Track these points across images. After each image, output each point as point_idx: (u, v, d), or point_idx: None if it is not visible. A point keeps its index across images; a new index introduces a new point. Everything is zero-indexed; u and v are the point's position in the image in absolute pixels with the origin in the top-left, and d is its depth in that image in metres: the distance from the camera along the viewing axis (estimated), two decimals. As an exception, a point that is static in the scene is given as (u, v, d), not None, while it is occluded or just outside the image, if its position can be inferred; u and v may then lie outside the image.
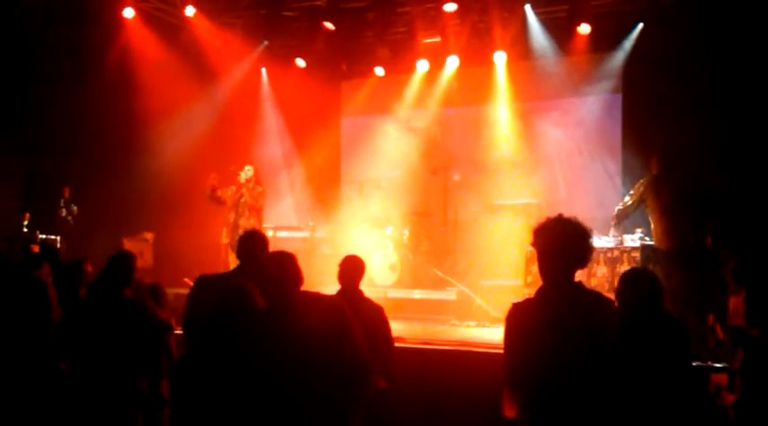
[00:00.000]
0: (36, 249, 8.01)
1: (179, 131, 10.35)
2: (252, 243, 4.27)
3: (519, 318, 3.11)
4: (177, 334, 4.77)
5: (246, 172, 8.93)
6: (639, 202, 7.24)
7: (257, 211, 8.89)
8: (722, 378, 4.46)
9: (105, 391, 4.02)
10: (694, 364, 3.79)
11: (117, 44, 10.38)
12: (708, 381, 4.53)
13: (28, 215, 9.56)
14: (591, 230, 3.11)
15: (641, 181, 7.34)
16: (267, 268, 3.45)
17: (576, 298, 3.04)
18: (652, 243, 7.29)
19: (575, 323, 2.96)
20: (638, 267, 3.93)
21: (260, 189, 8.94)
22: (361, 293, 4.85)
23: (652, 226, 7.19)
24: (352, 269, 4.81)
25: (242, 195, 8.82)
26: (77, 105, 9.98)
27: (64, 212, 10.09)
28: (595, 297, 3.13)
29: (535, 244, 3.10)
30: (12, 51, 9.40)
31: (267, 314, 3.36)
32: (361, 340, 3.56)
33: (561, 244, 3.03)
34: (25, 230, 9.43)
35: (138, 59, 10.42)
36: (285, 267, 3.43)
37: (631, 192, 7.40)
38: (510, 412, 3.17)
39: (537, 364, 2.99)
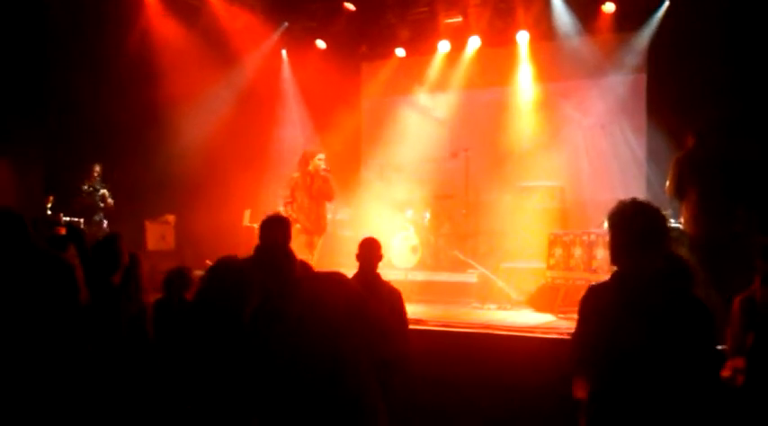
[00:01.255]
0: (62, 231, 8.06)
1: (200, 114, 10.35)
2: (273, 230, 4.29)
3: (595, 303, 3.06)
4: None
5: (317, 160, 8.28)
6: (680, 179, 6.99)
7: (324, 198, 8.32)
8: (739, 362, 4.39)
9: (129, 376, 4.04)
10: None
11: (137, 27, 10.38)
12: (723, 364, 4.45)
13: (52, 197, 9.63)
14: (665, 214, 3.03)
15: (675, 159, 7.12)
16: (271, 253, 3.44)
17: (653, 286, 2.94)
18: (678, 225, 7.17)
19: (653, 312, 2.90)
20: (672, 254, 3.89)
21: (328, 175, 8.34)
22: (378, 276, 4.84)
23: (682, 208, 7.01)
24: (369, 251, 4.82)
25: (312, 183, 8.21)
26: (98, 88, 9.99)
27: (95, 195, 9.97)
28: (679, 292, 3.05)
29: (611, 227, 3.01)
30: (31, 34, 9.42)
31: (277, 298, 3.35)
32: (375, 316, 3.55)
33: (639, 228, 2.94)
34: (49, 212, 9.49)
35: (159, 42, 10.41)
36: (288, 252, 3.42)
37: (671, 173, 7.14)
38: (581, 393, 3.14)
39: (613, 350, 2.93)
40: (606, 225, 3.08)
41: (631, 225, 2.96)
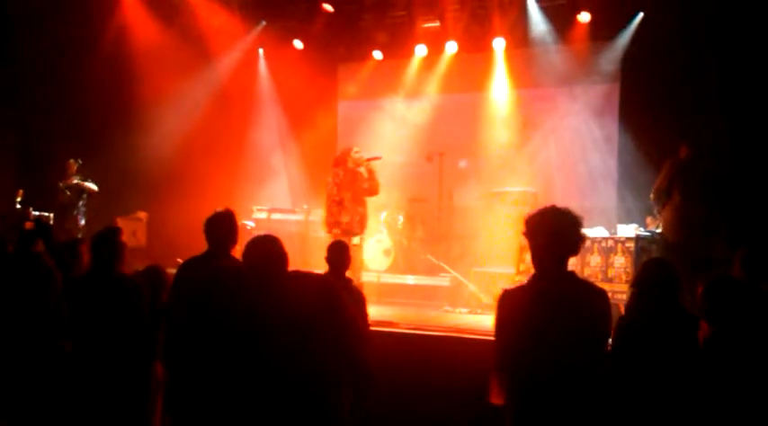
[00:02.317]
0: (29, 226, 7.95)
1: (174, 111, 10.29)
2: (216, 226, 4.29)
3: (510, 304, 3.13)
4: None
5: (354, 154, 8.01)
6: (670, 184, 7.01)
7: (364, 193, 8.01)
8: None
9: (105, 371, 4.01)
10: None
11: (113, 23, 10.30)
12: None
13: (21, 191, 9.50)
14: (582, 219, 3.12)
15: (668, 162, 7.13)
16: (253, 250, 3.45)
17: (567, 287, 3.05)
18: (647, 233, 7.28)
19: (566, 312, 2.98)
20: (660, 257, 3.94)
21: (364, 171, 8.00)
22: (347, 279, 4.87)
23: (665, 213, 7.08)
24: (338, 254, 4.84)
25: (354, 180, 7.96)
26: (72, 83, 9.90)
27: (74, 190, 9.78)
28: (587, 286, 3.14)
29: (527, 232, 3.11)
30: (4, 26, 9.30)
31: (256, 293, 3.36)
32: (352, 314, 3.59)
33: (553, 232, 3.05)
34: (18, 207, 9.36)
35: (135, 38, 10.34)
36: (270, 248, 3.44)
37: (660, 175, 7.16)
38: (497, 398, 3.19)
39: (527, 351, 3.01)
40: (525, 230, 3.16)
41: (543, 226, 3.07)
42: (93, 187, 9.81)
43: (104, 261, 4.29)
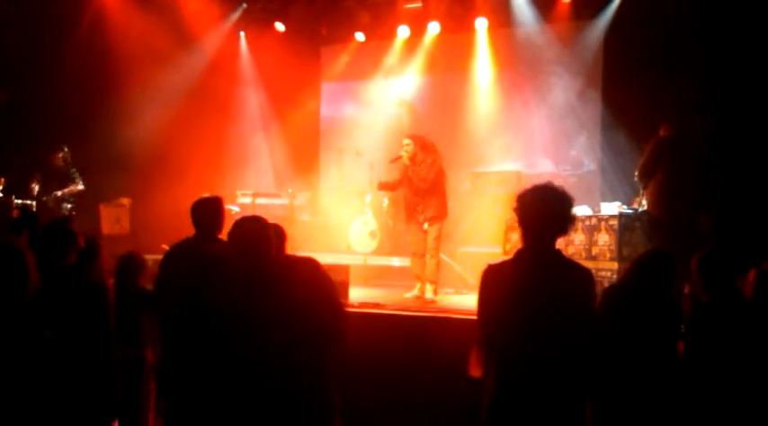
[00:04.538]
0: (15, 214, 7.87)
1: (155, 95, 10.19)
2: (203, 210, 4.30)
3: (494, 279, 3.14)
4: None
5: (406, 148, 7.52)
6: (655, 162, 7.03)
7: (433, 189, 7.49)
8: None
9: (86, 357, 4.00)
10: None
11: (91, 7, 10.16)
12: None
13: (3, 180, 9.38)
14: (572, 199, 3.12)
15: (652, 142, 7.16)
16: (242, 232, 3.44)
17: (551, 265, 3.06)
18: (630, 211, 7.33)
19: (549, 289, 3.00)
20: (659, 249, 3.95)
21: (428, 160, 7.45)
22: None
23: (650, 190, 7.12)
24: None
25: (410, 177, 7.51)
26: (50, 69, 9.77)
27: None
28: (571, 264, 3.16)
29: (518, 208, 3.11)
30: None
31: (246, 276, 3.36)
32: (337, 296, 3.61)
33: (543, 210, 3.05)
34: (0, 195, 9.25)
35: (113, 22, 10.22)
36: (258, 230, 3.44)
37: (645, 154, 7.19)
38: (476, 371, 3.21)
39: (508, 326, 3.03)
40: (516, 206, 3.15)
41: (534, 203, 3.07)
42: (77, 188, 9.61)
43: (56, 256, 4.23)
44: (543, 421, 2.97)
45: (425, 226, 7.56)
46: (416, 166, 7.46)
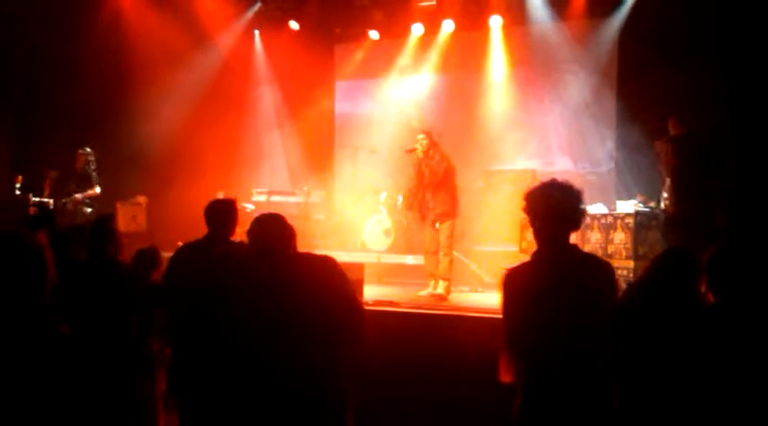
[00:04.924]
0: (33, 212, 7.93)
1: (172, 94, 10.24)
2: (216, 212, 4.33)
3: (515, 283, 3.11)
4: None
5: (421, 142, 7.56)
6: (665, 159, 7.02)
7: (443, 184, 7.53)
8: None
9: (103, 353, 4.05)
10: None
11: (107, 7, 10.22)
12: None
13: (20, 177, 9.47)
14: (581, 192, 3.09)
15: (663, 141, 7.16)
16: (261, 229, 3.46)
17: (571, 261, 3.04)
18: (647, 209, 7.29)
19: (571, 286, 2.97)
20: (677, 248, 3.90)
21: (437, 157, 7.51)
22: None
23: (666, 186, 7.09)
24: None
25: (422, 171, 7.53)
26: (67, 69, 9.84)
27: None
28: (590, 258, 3.14)
29: (527, 208, 3.09)
30: None
31: (264, 273, 3.38)
32: (353, 292, 3.61)
33: (553, 206, 3.02)
34: (18, 193, 9.34)
35: (129, 22, 10.28)
36: (278, 227, 3.45)
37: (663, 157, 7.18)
38: (507, 376, 3.18)
39: (535, 328, 3.00)
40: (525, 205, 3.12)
41: (544, 200, 3.04)
42: (94, 192, 9.49)
43: (98, 248, 4.35)
44: (576, 421, 2.97)
45: (436, 225, 7.58)
46: (429, 160, 7.51)
